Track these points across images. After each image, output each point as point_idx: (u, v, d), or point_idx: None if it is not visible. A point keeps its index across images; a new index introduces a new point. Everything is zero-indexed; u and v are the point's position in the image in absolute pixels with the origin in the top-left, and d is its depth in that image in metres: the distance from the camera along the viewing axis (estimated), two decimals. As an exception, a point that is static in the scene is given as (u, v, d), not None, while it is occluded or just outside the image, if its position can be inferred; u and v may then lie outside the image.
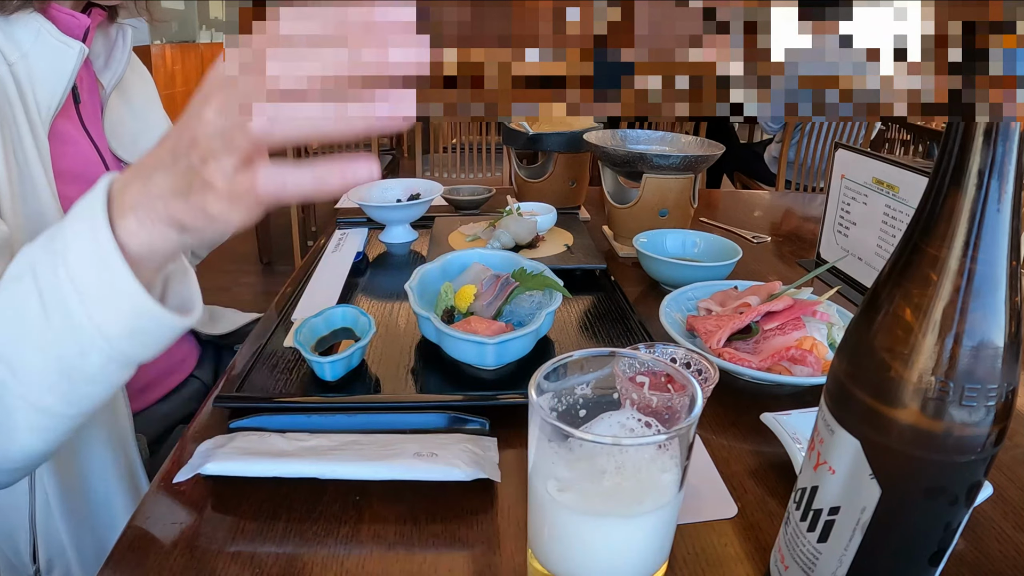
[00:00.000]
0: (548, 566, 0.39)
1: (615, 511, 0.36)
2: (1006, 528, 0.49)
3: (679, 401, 0.39)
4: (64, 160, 0.69)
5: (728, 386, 0.65)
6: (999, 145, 0.28)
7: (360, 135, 0.32)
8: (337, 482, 0.51)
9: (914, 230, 0.31)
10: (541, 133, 1.16)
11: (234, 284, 3.01)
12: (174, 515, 0.49)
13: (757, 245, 1.13)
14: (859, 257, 0.93)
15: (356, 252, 0.99)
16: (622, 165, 1.00)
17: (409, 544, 0.46)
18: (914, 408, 0.31)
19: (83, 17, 0.70)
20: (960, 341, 0.30)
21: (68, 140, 0.71)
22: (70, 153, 0.71)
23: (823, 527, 0.36)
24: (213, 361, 1.00)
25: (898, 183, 0.84)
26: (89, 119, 0.75)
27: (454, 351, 0.66)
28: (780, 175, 2.65)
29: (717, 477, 0.53)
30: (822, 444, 0.36)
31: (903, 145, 2.85)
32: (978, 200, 0.28)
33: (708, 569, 0.45)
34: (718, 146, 1.04)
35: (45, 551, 0.68)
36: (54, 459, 0.66)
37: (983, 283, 0.29)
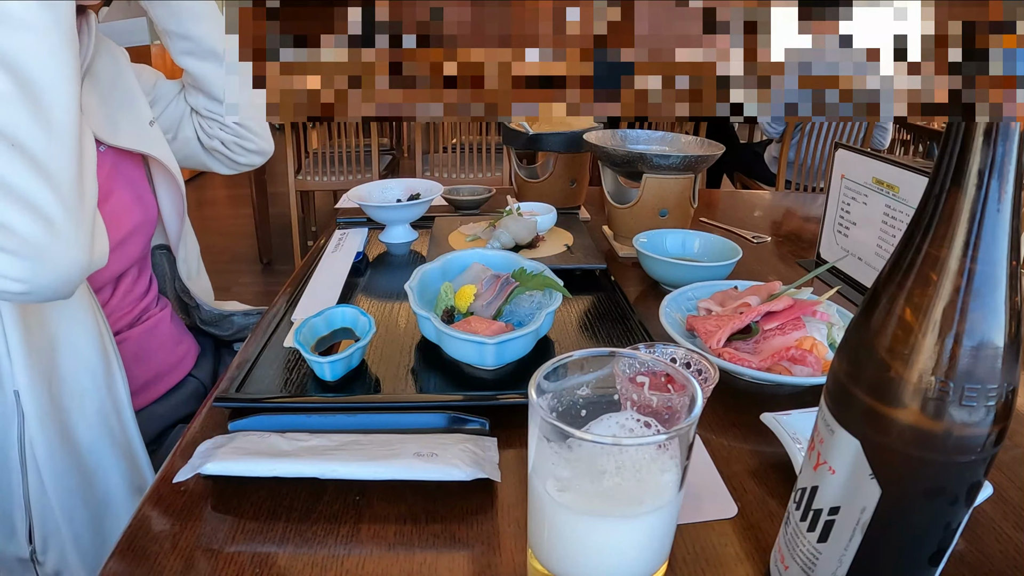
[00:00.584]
0: (548, 566, 0.39)
1: (615, 511, 0.36)
2: (1006, 528, 0.49)
3: (679, 401, 0.39)
4: None
5: (728, 386, 0.65)
6: (999, 145, 0.28)
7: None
8: (337, 482, 0.51)
9: (914, 230, 0.31)
10: (541, 133, 1.16)
11: (234, 284, 3.01)
12: (174, 515, 0.49)
13: (757, 245, 1.13)
14: (859, 257, 0.93)
15: (356, 252, 0.99)
16: (622, 165, 1.00)
17: (409, 544, 0.46)
18: (914, 408, 0.31)
19: None
20: (960, 341, 0.30)
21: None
22: None
23: (823, 527, 0.36)
24: (212, 360, 1.00)
25: (898, 183, 0.84)
26: None
27: (454, 351, 0.66)
28: (780, 175, 2.65)
29: (717, 477, 0.53)
30: (822, 444, 0.36)
31: (903, 145, 2.85)
32: (978, 200, 0.28)
33: (708, 569, 0.45)
34: (718, 146, 1.04)
35: (41, 530, 0.68)
36: (45, 437, 0.67)
37: (983, 283, 0.29)
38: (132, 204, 0.83)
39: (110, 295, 0.83)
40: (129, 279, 0.86)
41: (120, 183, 0.82)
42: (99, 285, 0.80)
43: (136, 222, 0.84)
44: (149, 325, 0.87)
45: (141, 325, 0.86)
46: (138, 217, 0.84)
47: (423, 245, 1.07)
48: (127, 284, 0.85)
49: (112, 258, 0.74)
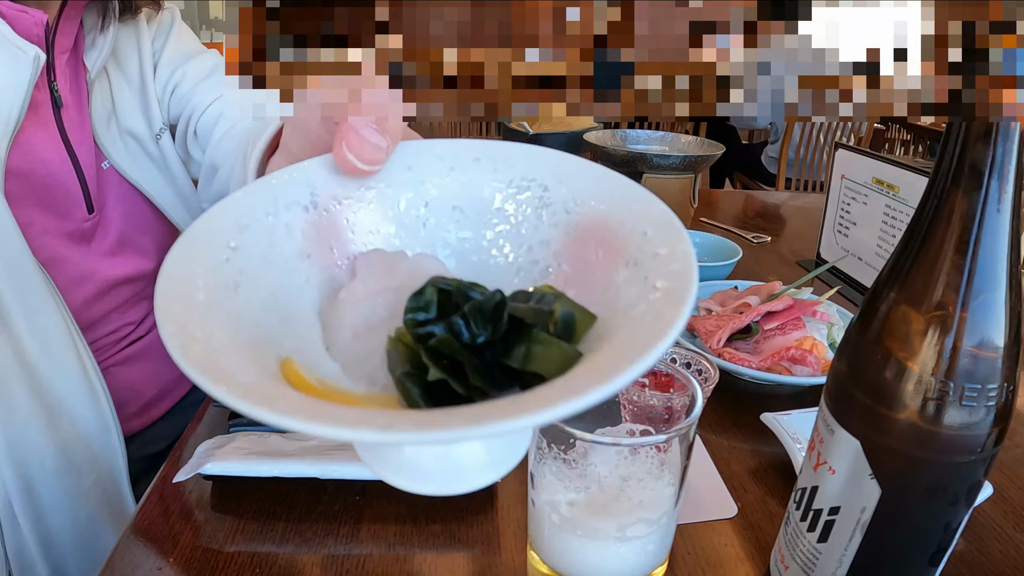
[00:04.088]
0: (549, 563, 0.39)
1: (615, 512, 0.36)
2: (1006, 528, 0.49)
3: (679, 401, 0.39)
4: (26, 180, 0.63)
5: (728, 386, 0.65)
6: (999, 145, 0.28)
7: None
8: (337, 482, 0.51)
9: (914, 230, 0.31)
10: (541, 133, 1.16)
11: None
12: (174, 515, 0.49)
13: (757, 245, 1.13)
14: (859, 257, 0.93)
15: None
16: (622, 165, 1.00)
17: (409, 544, 0.46)
18: (914, 408, 0.31)
19: (37, 12, 0.59)
20: (960, 341, 0.30)
21: (34, 150, 0.63)
22: (37, 171, 0.64)
23: (823, 527, 0.36)
24: None
25: (898, 183, 0.84)
26: (73, 124, 0.67)
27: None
28: (780, 175, 2.64)
29: (717, 477, 0.53)
30: (822, 444, 0.36)
31: (903, 145, 2.85)
32: (978, 200, 0.28)
33: (708, 569, 0.45)
34: (718, 146, 1.04)
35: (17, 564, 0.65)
36: (20, 488, 0.62)
37: (983, 283, 0.29)
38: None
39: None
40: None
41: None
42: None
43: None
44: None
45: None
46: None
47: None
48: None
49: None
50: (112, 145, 0.72)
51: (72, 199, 0.68)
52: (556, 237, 0.29)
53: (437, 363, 0.23)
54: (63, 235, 0.68)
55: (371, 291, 0.27)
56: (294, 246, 0.28)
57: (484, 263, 0.30)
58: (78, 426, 0.66)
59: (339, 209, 0.29)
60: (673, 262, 0.23)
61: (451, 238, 0.30)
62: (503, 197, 0.30)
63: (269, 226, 0.27)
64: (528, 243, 0.29)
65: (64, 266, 0.68)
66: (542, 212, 0.29)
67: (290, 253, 0.28)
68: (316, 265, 0.28)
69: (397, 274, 0.28)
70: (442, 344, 0.24)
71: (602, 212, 0.28)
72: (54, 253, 0.66)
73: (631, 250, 0.25)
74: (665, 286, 0.23)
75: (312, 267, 0.28)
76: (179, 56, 0.78)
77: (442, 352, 0.24)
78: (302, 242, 0.28)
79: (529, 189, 0.30)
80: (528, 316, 0.24)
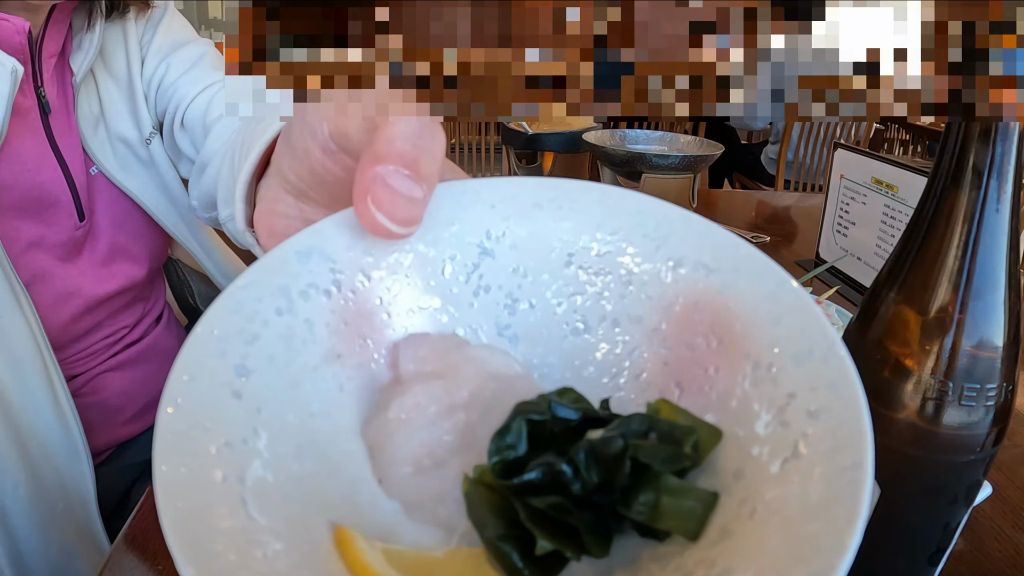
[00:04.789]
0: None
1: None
2: (1006, 528, 0.49)
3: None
4: (14, 191, 0.61)
5: (728, 386, 0.65)
6: (999, 145, 0.28)
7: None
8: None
9: (913, 230, 0.31)
10: (541, 133, 1.16)
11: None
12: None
13: (756, 245, 1.13)
14: (858, 257, 0.93)
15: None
16: (621, 165, 1.00)
17: (409, 544, 0.46)
18: (913, 408, 0.31)
19: (18, 20, 0.57)
20: (959, 341, 0.30)
21: (21, 160, 0.62)
22: (25, 182, 0.62)
23: (823, 527, 0.36)
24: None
25: (897, 183, 0.84)
26: (61, 130, 0.66)
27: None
28: (779, 175, 2.65)
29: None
30: (822, 444, 0.36)
31: (903, 145, 2.85)
32: (978, 200, 0.28)
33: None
34: (717, 146, 1.04)
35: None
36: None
37: (983, 283, 0.29)
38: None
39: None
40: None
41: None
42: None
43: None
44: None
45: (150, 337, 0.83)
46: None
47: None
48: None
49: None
50: (100, 150, 0.70)
51: (63, 207, 0.66)
52: (650, 312, 0.23)
53: (542, 528, 0.19)
54: (52, 247, 0.66)
55: (432, 412, 0.22)
56: (319, 348, 0.22)
57: (556, 343, 0.24)
58: (48, 451, 0.63)
59: (369, 286, 0.23)
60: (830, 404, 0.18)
61: (513, 311, 0.25)
62: (577, 257, 0.24)
63: (285, 329, 0.21)
64: (613, 318, 0.24)
65: (51, 282, 0.66)
66: (629, 278, 0.24)
67: (316, 359, 0.22)
68: (349, 366, 0.23)
69: (460, 379, 0.22)
70: (552, 509, 0.19)
71: (715, 285, 0.23)
72: (39, 269, 0.64)
73: (760, 347, 0.20)
74: (817, 440, 0.17)
75: (345, 370, 0.22)
76: (166, 46, 0.75)
77: (549, 515, 0.19)
78: (328, 340, 0.22)
79: (610, 244, 0.24)
80: (656, 462, 0.19)
